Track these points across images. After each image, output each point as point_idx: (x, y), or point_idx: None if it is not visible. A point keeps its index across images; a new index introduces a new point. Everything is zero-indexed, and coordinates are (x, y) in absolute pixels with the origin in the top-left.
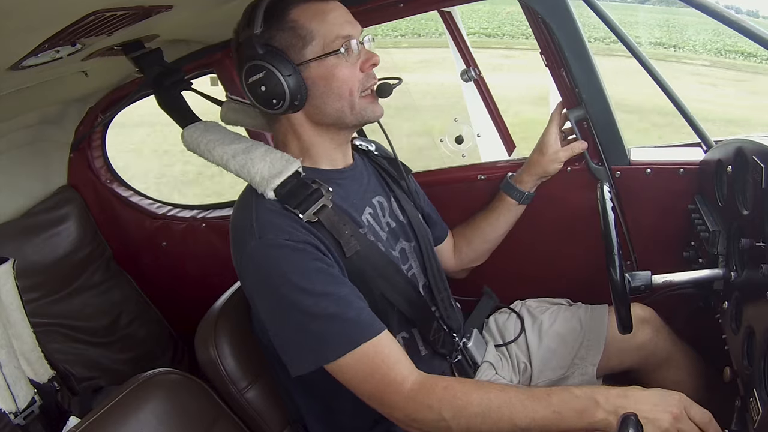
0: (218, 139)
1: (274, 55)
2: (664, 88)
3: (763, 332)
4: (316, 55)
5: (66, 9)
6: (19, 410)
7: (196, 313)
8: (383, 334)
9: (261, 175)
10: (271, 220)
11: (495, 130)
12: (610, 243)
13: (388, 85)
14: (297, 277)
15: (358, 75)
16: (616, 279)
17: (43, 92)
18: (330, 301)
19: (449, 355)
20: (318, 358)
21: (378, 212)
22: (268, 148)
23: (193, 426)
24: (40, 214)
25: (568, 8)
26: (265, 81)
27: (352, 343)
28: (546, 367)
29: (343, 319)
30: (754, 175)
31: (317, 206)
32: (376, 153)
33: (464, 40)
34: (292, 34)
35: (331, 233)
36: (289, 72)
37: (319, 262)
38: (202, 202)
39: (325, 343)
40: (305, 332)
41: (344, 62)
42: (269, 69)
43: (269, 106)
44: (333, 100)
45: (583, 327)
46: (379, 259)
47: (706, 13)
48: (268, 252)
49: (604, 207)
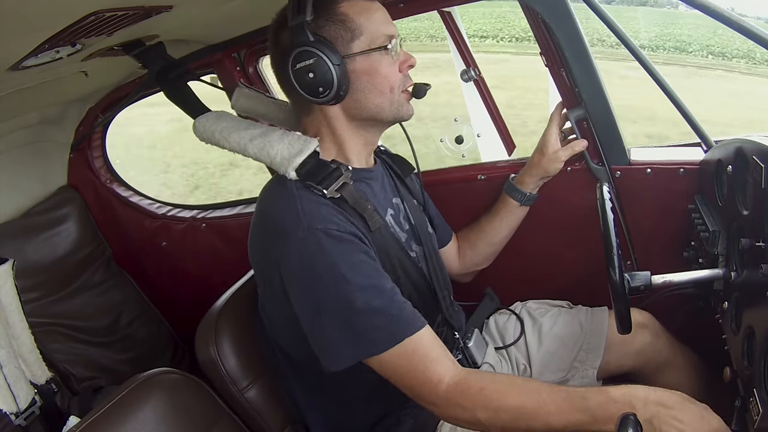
0: (232, 126)
1: (325, 43)
2: (665, 89)
3: (763, 332)
4: (363, 49)
5: (66, 9)
6: (20, 411)
7: (196, 313)
8: (424, 330)
9: (281, 155)
10: (318, 210)
11: (495, 130)
12: (610, 243)
13: (424, 87)
14: (345, 268)
15: (398, 74)
16: (616, 279)
17: (43, 92)
18: (375, 294)
19: (450, 351)
20: (360, 352)
21: (398, 213)
22: (284, 131)
23: (193, 426)
24: (40, 214)
25: (568, 8)
26: (314, 68)
27: (395, 339)
28: (545, 370)
29: (387, 314)
30: (754, 175)
31: (338, 183)
32: (382, 149)
33: (464, 40)
34: (342, 27)
35: (355, 208)
36: (338, 62)
37: (364, 254)
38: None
39: (368, 337)
40: (349, 325)
41: (388, 59)
42: (320, 56)
43: (315, 94)
44: (374, 95)
45: (583, 330)
46: (395, 243)
47: (706, 13)
48: (318, 242)
49: (603, 207)
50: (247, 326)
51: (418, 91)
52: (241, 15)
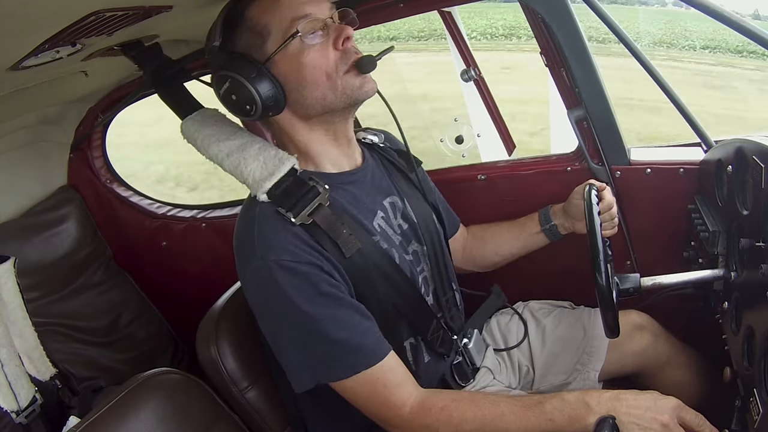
0: (213, 135)
1: (235, 60)
2: (664, 88)
3: (763, 332)
4: (277, 45)
5: (66, 9)
6: (21, 409)
7: (196, 313)
8: (387, 359)
9: (253, 177)
10: (274, 237)
11: (495, 130)
12: (596, 249)
13: (370, 57)
14: (300, 300)
15: (332, 55)
16: (603, 285)
17: (43, 92)
18: (334, 326)
19: (447, 354)
20: (318, 378)
21: (390, 215)
22: (263, 145)
23: (193, 426)
24: (40, 214)
25: (568, 8)
26: (232, 89)
27: (353, 370)
28: (548, 372)
29: (346, 345)
30: (754, 175)
31: (312, 206)
32: (383, 144)
33: (464, 40)
34: (251, 34)
35: (328, 234)
36: (253, 73)
37: (324, 284)
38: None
39: (326, 366)
40: (307, 353)
41: (309, 46)
42: (232, 76)
43: (245, 113)
44: (310, 90)
45: (586, 333)
46: (382, 259)
47: (706, 13)
48: (270, 274)
49: (590, 211)
50: (248, 326)
51: (364, 65)
52: None
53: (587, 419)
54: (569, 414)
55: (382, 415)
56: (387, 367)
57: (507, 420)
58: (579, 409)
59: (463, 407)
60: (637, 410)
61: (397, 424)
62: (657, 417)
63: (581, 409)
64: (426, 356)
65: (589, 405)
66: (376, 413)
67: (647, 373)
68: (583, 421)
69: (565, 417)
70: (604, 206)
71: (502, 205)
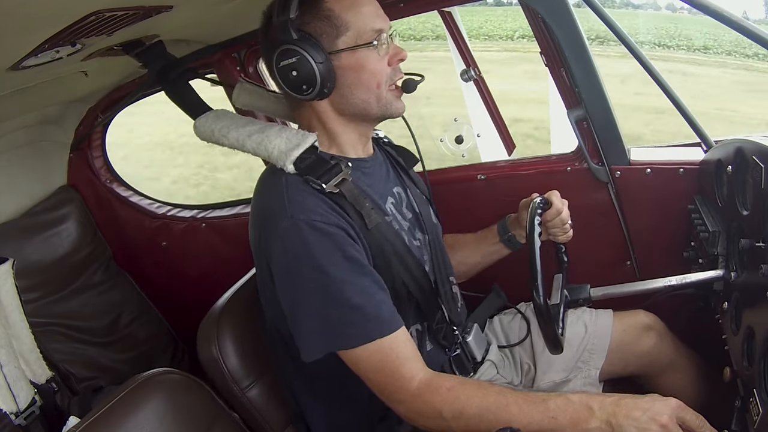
0: (231, 124)
1: (308, 41)
2: (664, 88)
3: (763, 333)
4: (349, 45)
5: (66, 9)
6: (20, 410)
7: (196, 313)
8: (399, 331)
9: (279, 149)
10: (304, 200)
11: (495, 130)
12: (534, 267)
13: (414, 81)
14: (326, 261)
15: (386, 69)
16: (540, 303)
17: (43, 92)
18: (354, 291)
19: (449, 347)
20: (331, 345)
21: (398, 202)
22: (283, 127)
23: (193, 426)
24: (40, 214)
25: (568, 8)
26: (297, 66)
27: (368, 337)
28: (550, 369)
29: (363, 312)
30: (754, 175)
31: (337, 179)
32: (386, 140)
33: (464, 40)
34: (327, 23)
35: (353, 205)
36: (322, 59)
37: (349, 247)
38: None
39: (341, 332)
40: (324, 317)
41: (375, 55)
42: (302, 54)
43: (299, 91)
44: (360, 91)
45: (588, 332)
46: (396, 239)
47: (706, 13)
48: (300, 233)
49: (531, 225)
50: (249, 325)
51: (408, 86)
52: (241, 15)
53: (589, 423)
54: (572, 415)
55: (390, 386)
56: (400, 339)
57: (511, 411)
58: (582, 411)
59: (470, 391)
60: (636, 413)
61: (402, 398)
62: (655, 418)
63: (584, 412)
64: (429, 344)
65: (592, 408)
66: (384, 385)
67: (649, 374)
68: (585, 424)
69: (567, 417)
70: (552, 213)
71: (502, 205)
